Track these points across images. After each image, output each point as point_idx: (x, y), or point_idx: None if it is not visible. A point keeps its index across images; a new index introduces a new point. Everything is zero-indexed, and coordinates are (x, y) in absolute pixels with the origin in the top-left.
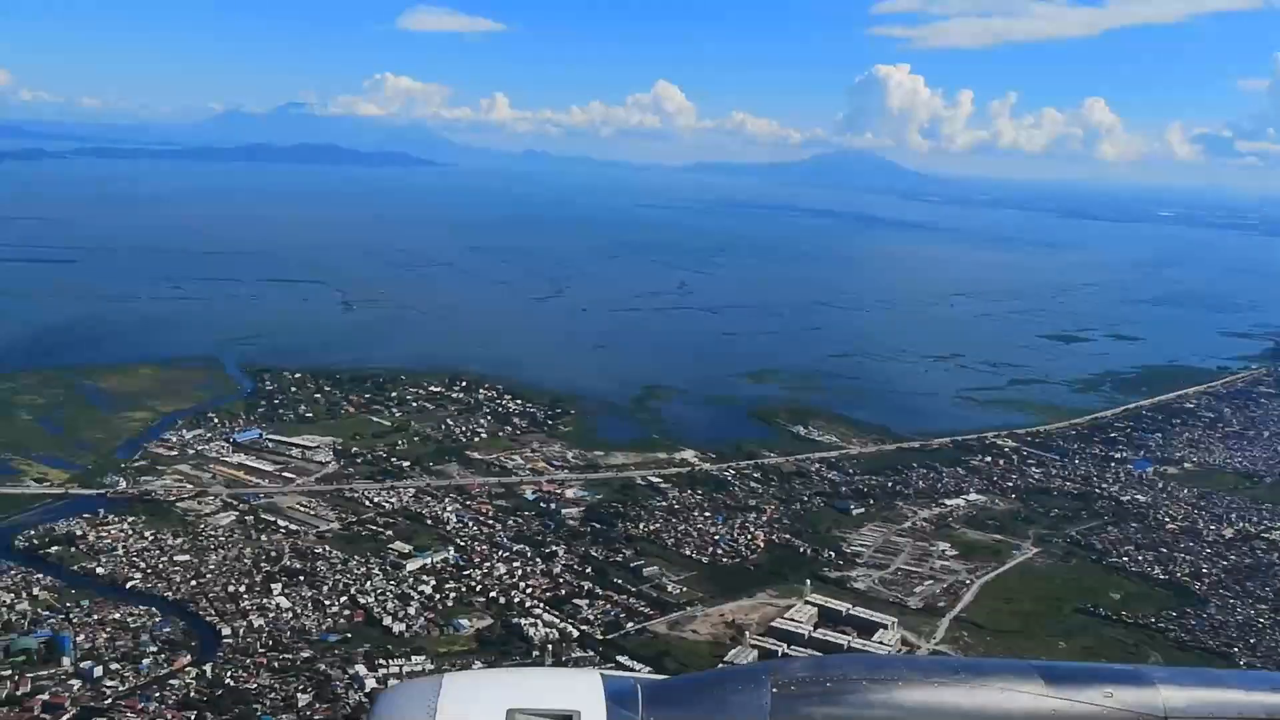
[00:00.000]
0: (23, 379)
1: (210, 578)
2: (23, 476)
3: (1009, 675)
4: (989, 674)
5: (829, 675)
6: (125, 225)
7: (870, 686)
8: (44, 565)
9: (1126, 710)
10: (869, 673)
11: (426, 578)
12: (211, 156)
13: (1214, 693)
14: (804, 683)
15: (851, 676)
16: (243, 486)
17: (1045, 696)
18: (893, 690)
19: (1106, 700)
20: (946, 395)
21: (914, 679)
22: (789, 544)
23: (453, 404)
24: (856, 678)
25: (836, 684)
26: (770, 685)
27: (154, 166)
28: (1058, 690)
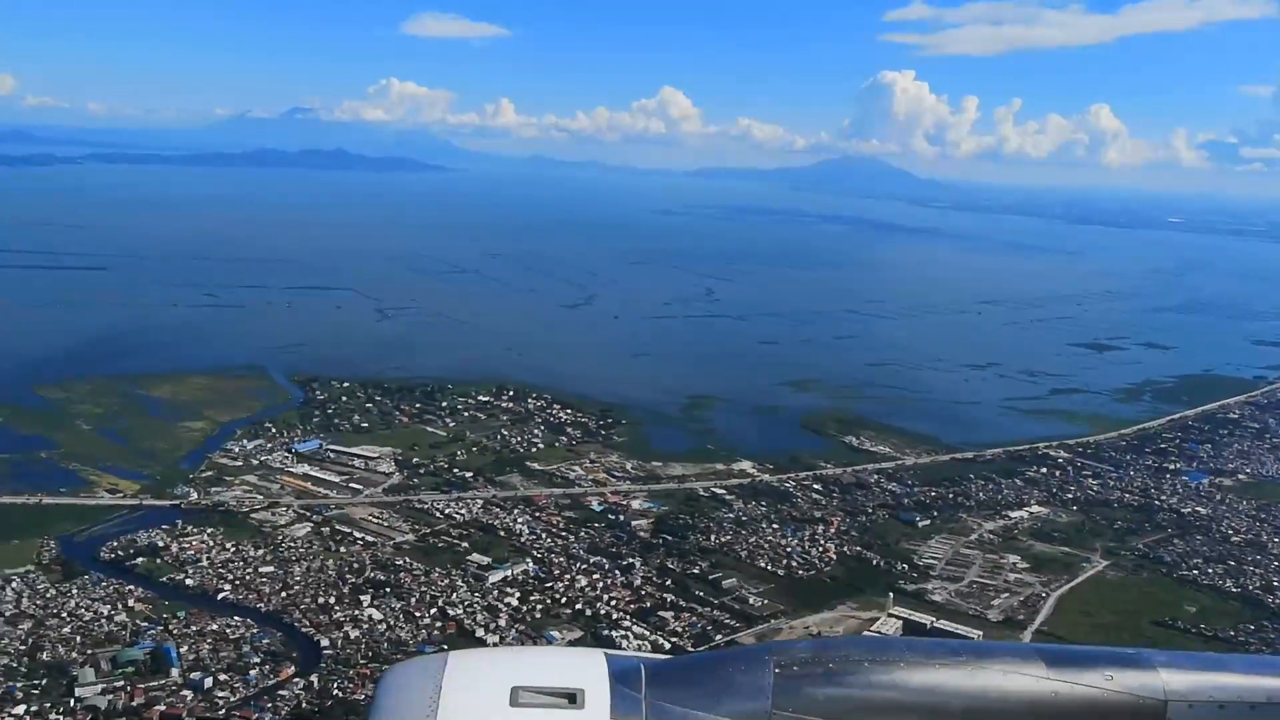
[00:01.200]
0: (77, 388)
1: (298, 589)
2: (94, 487)
3: (1010, 658)
4: (991, 656)
5: (831, 656)
6: (149, 232)
7: (872, 668)
8: (133, 576)
9: (1127, 693)
10: (871, 654)
11: (510, 590)
12: (221, 161)
13: (1214, 676)
14: (806, 663)
15: (854, 658)
16: (312, 498)
17: (1046, 679)
18: (895, 671)
19: (1107, 683)
20: (990, 404)
21: (916, 661)
22: (860, 556)
23: (504, 414)
24: (859, 659)
25: (839, 665)
26: (773, 666)
27: (166, 172)
28: (1058, 673)
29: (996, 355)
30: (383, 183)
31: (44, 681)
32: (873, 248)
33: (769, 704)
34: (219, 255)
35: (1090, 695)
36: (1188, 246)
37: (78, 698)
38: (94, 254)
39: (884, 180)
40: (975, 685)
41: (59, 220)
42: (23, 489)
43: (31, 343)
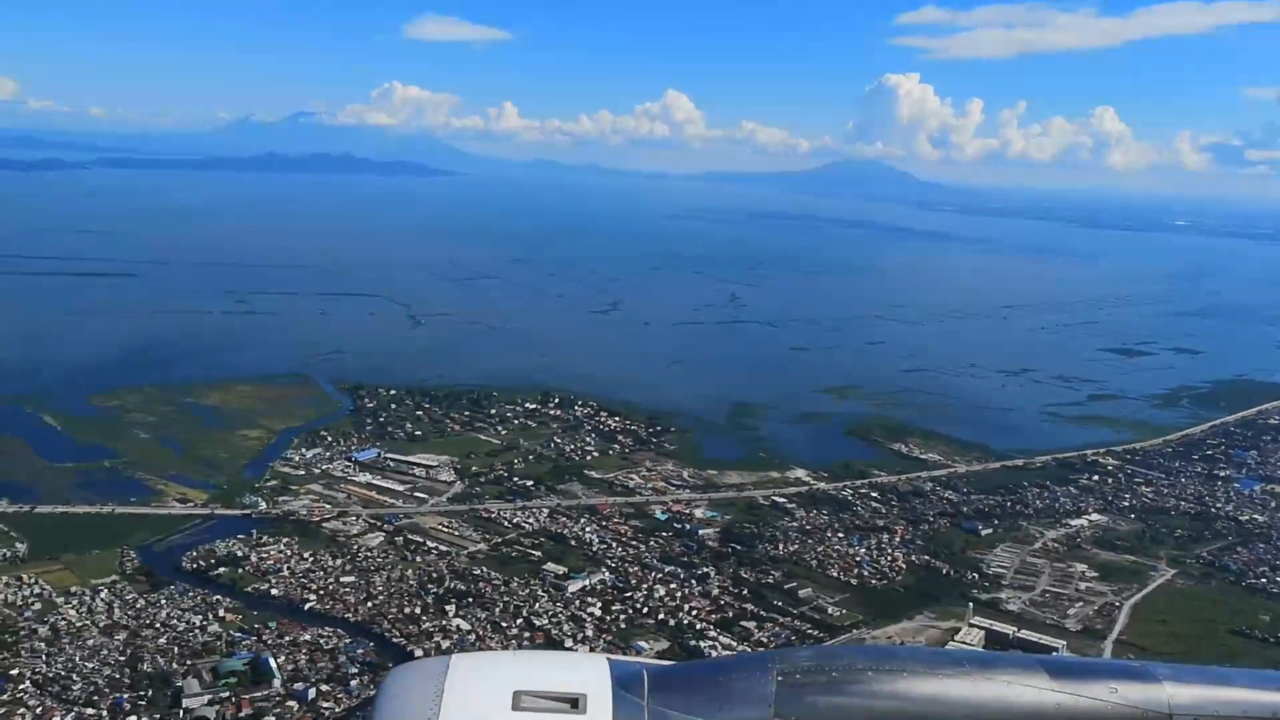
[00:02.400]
0: (128, 397)
1: (383, 599)
2: (164, 497)
3: (1014, 669)
4: (994, 667)
5: (834, 665)
6: (169, 238)
7: (875, 677)
8: (217, 586)
9: (1131, 706)
10: (874, 663)
11: (591, 600)
12: (228, 166)
13: (1219, 691)
14: (809, 671)
15: (856, 666)
16: (379, 507)
17: (1050, 691)
18: (898, 681)
19: (1111, 696)
20: (1031, 411)
21: (919, 670)
22: (929, 565)
23: (554, 422)
24: (862, 668)
25: (841, 673)
26: (775, 673)
27: (175, 176)
28: (1063, 685)
29: (1029, 361)
30: (391, 187)
31: (149, 692)
32: (887, 252)
33: (770, 711)
34: (243, 262)
35: (1094, 707)
36: (1198, 250)
37: (185, 709)
38: (118, 260)
39: (887, 183)
40: (978, 696)
41: (77, 227)
42: (94, 499)
43: (74, 351)
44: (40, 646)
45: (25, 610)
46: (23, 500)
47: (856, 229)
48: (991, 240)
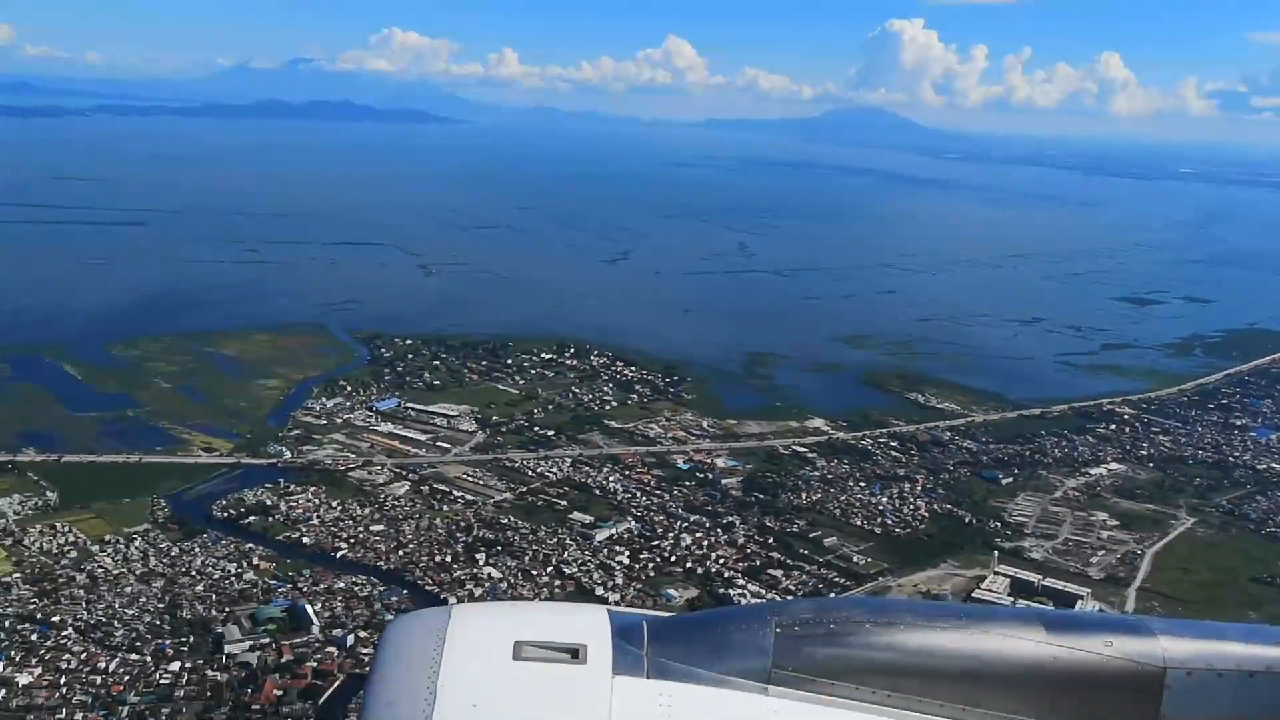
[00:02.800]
0: (147, 346)
1: (412, 548)
2: (189, 446)
3: (1011, 622)
4: (991, 621)
5: (832, 616)
6: (175, 186)
7: (873, 629)
8: (249, 534)
9: (1126, 659)
10: (872, 615)
11: (619, 548)
12: (228, 113)
13: (1213, 644)
14: (807, 623)
15: (854, 618)
16: (403, 456)
17: (1045, 643)
18: (895, 633)
19: (1106, 649)
20: (1044, 360)
21: (916, 623)
22: (951, 514)
23: (571, 371)
24: (859, 620)
25: (839, 625)
26: (774, 625)
27: (175, 123)
28: (1059, 638)
29: (1040, 310)
30: (392, 134)
31: (190, 639)
32: (893, 200)
33: (769, 662)
34: (251, 210)
35: (1089, 660)
36: (1205, 198)
37: (227, 654)
38: (127, 209)
39: (891, 131)
40: (975, 648)
41: (82, 174)
42: (120, 448)
43: (91, 300)
44: (80, 594)
45: (62, 558)
46: (50, 449)
47: (861, 176)
48: (997, 188)
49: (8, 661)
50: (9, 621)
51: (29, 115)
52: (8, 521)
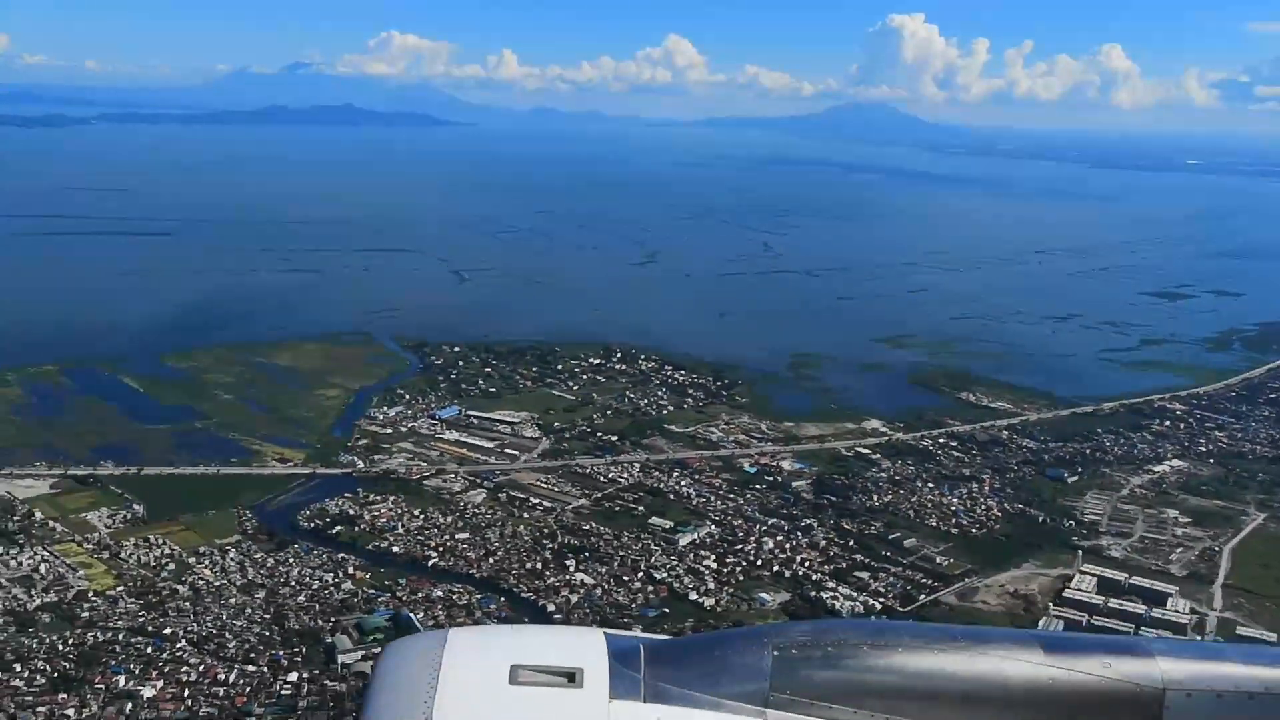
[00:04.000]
0: (200, 357)
1: (501, 555)
2: (262, 457)
3: (1009, 644)
4: (989, 642)
5: (829, 639)
6: (192, 195)
7: (871, 651)
8: (338, 544)
9: (1125, 680)
10: (869, 638)
11: (704, 552)
12: (231, 119)
13: (1211, 665)
14: (804, 646)
15: (851, 641)
16: (473, 464)
17: (1044, 665)
18: (893, 655)
19: (1105, 670)
20: (1087, 357)
21: (915, 645)
22: (1024, 514)
23: (622, 376)
24: (856, 643)
25: (837, 648)
26: (771, 648)
27: (179, 131)
28: (1057, 659)
29: (1073, 306)
30: (396, 139)
31: (303, 649)
32: (906, 197)
33: (767, 685)
34: (273, 219)
35: (1088, 682)
36: (1216, 190)
37: (341, 664)
38: (150, 219)
39: (893, 126)
40: (973, 670)
41: (96, 185)
42: (196, 460)
43: (135, 312)
44: (185, 606)
45: (161, 570)
46: (127, 462)
47: (870, 174)
48: (1007, 183)
49: (128, 675)
50: (122, 635)
51: (33, 125)
52: (101, 535)
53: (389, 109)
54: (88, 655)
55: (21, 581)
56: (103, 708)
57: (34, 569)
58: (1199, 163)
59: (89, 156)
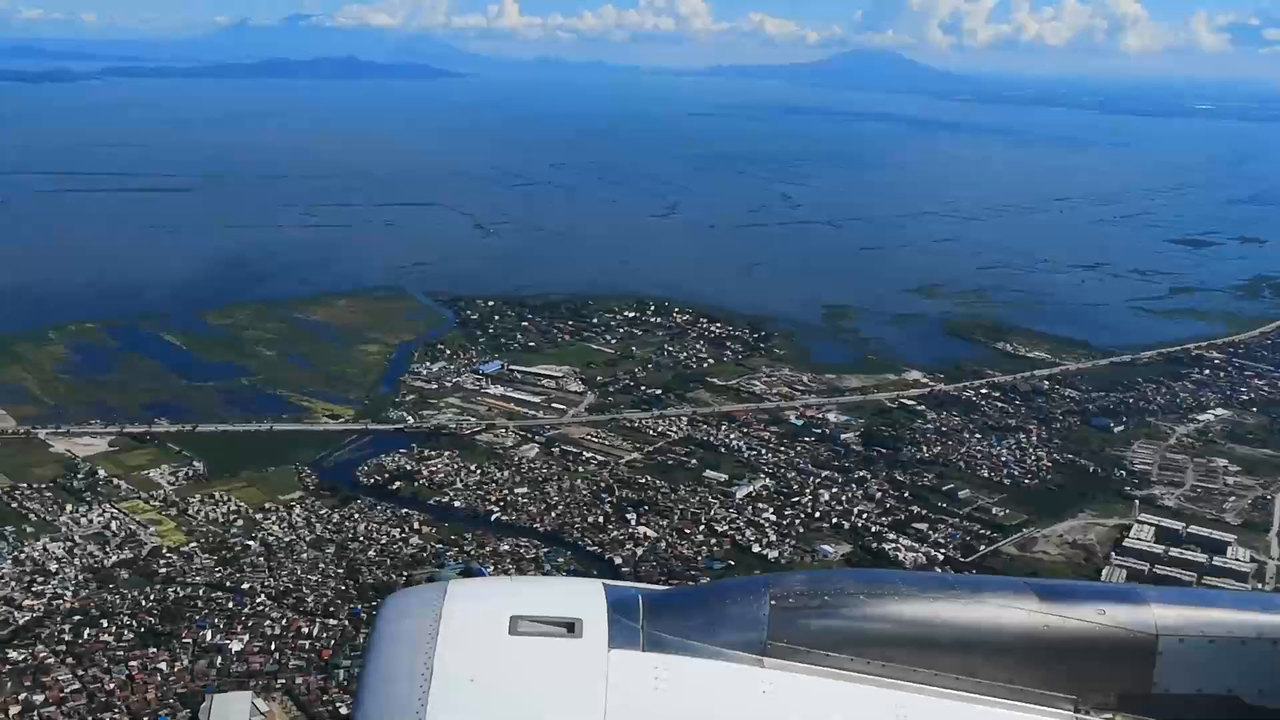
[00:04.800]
0: (236, 313)
1: (562, 509)
2: (313, 413)
3: (1004, 592)
4: (984, 590)
5: (826, 589)
6: (209, 149)
7: (867, 601)
8: (400, 500)
9: (1119, 627)
10: (866, 587)
11: (762, 505)
12: (235, 73)
13: (1205, 612)
14: (801, 596)
15: (848, 590)
16: (522, 419)
17: (1039, 613)
18: (889, 604)
19: (1099, 617)
20: (1118, 306)
21: (910, 594)
22: (1074, 464)
23: (659, 329)
24: (854, 592)
25: (834, 597)
26: (769, 598)
27: (184, 85)
28: (1051, 606)
29: (1099, 255)
30: (401, 91)
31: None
32: (919, 145)
33: (765, 634)
34: (289, 173)
35: (1082, 628)
36: (1229, 135)
37: None
38: (169, 175)
39: (898, 74)
40: (968, 618)
41: (113, 140)
42: (248, 417)
43: (165, 269)
44: (259, 561)
45: (230, 526)
46: (180, 419)
47: (880, 122)
48: (1019, 130)
49: (213, 629)
50: (202, 590)
51: (40, 80)
52: (166, 492)
53: (390, 60)
54: (171, 610)
55: (95, 539)
56: (193, 661)
57: (105, 526)
58: (1209, 107)
59: (99, 111)
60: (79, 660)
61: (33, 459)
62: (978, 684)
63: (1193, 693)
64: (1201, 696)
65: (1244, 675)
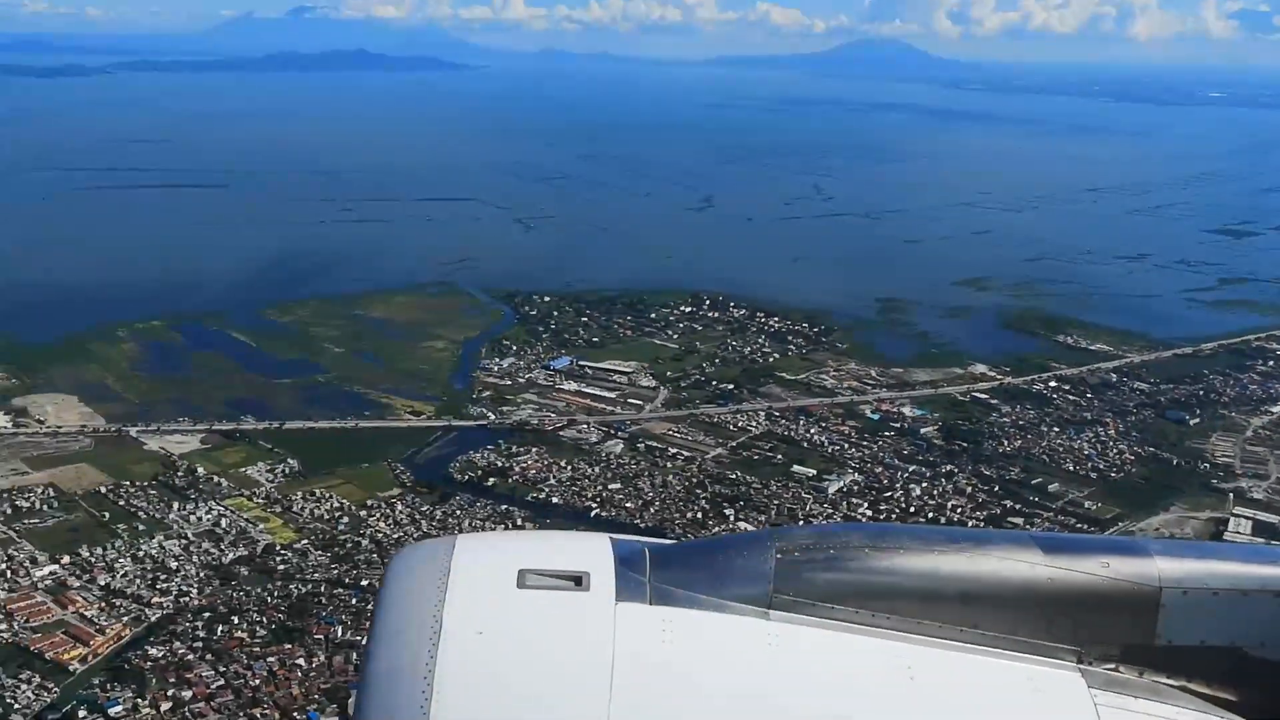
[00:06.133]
0: (296, 310)
1: (659, 506)
2: (394, 410)
3: (1007, 545)
4: (988, 543)
5: (831, 542)
6: (237, 145)
7: (872, 554)
8: (498, 496)
9: (1122, 579)
10: (870, 540)
11: (856, 500)
12: (244, 66)
13: (1208, 564)
14: (807, 549)
15: (854, 544)
16: (600, 415)
17: (1043, 566)
18: (894, 557)
19: (1103, 569)
20: (1171, 297)
21: (915, 547)
22: (1156, 457)
23: (718, 324)
24: (858, 545)
25: (839, 550)
26: (774, 551)
27: (199, 79)
28: (1054, 559)
29: (1141, 246)
30: (412, 83)
31: None
32: (939, 136)
33: (770, 587)
34: (319, 168)
35: (1085, 581)
36: (1248, 123)
37: None
38: (201, 170)
39: (906, 63)
40: (973, 571)
41: (140, 135)
42: (329, 413)
43: (216, 266)
44: (373, 558)
45: (336, 524)
46: (264, 417)
47: (896, 112)
48: (1036, 120)
49: (343, 626)
50: (322, 586)
51: (55, 75)
52: (267, 489)
53: (400, 53)
54: (297, 607)
55: (208, 536)
56: (329, 657)
57: (215, 523)
58: (1222, 95)
59: (118, 106)
60: (218, 656)
61: (130, 457)
62: (981, 636)
63: (1195, 644)
64: (1204, 648)
65: (1246, 627)
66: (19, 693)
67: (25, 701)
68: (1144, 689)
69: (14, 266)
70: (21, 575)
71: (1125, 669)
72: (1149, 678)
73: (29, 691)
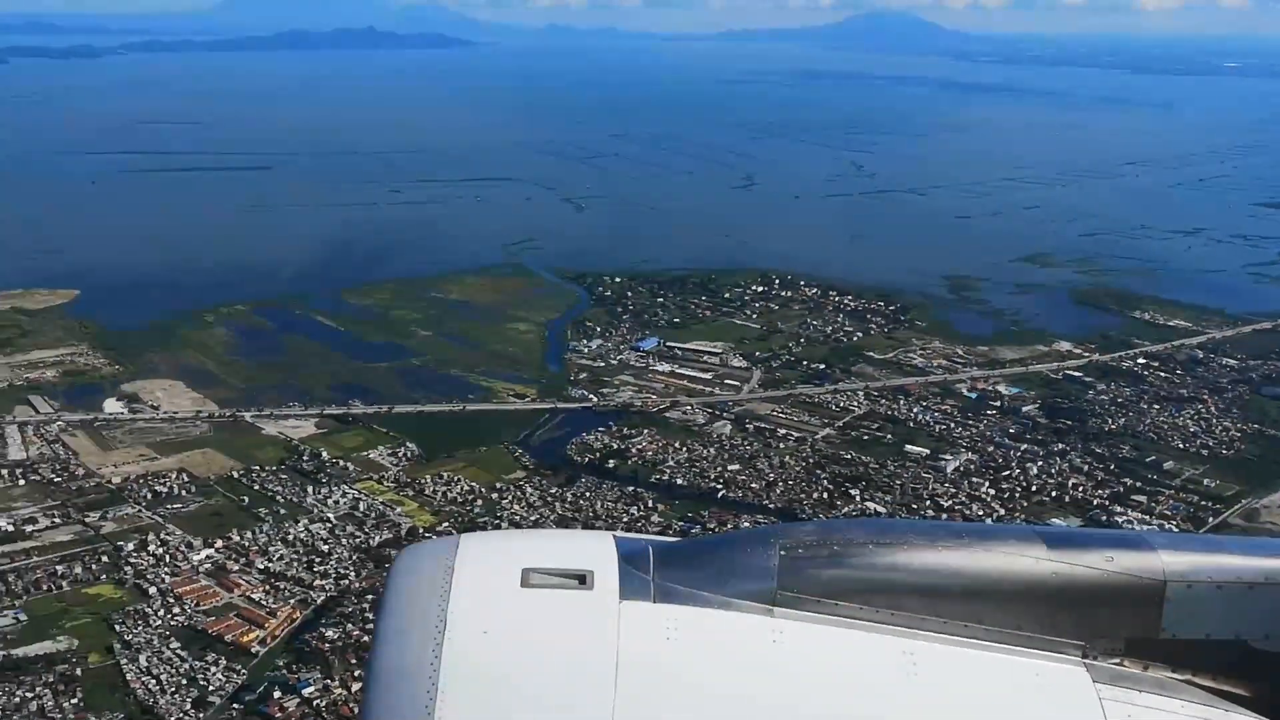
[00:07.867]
0: (375, 293)
1: (783, 486)
2: (497, 393)
3: (1012, 540)
4: (992, 538)
5: (835, 538)
6: (268, 126)
7: (876, 550)
8: (620, 478)
9: (1126, 573)
10: (875, 536)
11: (976, 480)
12: (256, 45)
13: (1213, 557)
14: (811, 545)
15: (858, 540)
16: (700, 396)
17: (1047, 560)
18: (898, 553)
19: (1107, 564)
20: (1235, 271)
21: (919, 543)
22: (1262, 433)
23: (794, 304)
24: (863, 541)
25: (843, 547)
26: (778, 548)
27: (214, 59)
28: (1059, 554)
29: (1194, 220)
30: (421, 61)
31: None
32: (971, 110)
33: (774, 584)
34: (356, 149)
35: (1089, 575)
36: (1270, 94)
37: None
38: (240, 153)
39: (916, 35)
40: (977, 566)
41: (166, 117)
42: (434, 396)
43: (281, 250)
44: None
45: (470, 506)
46: (371, 401)
47: (917, 85)
48: (1060, 92)
49: None
50: None
51: (68, 57)
52: (394, 473)
53: (407, 30)
54: None
55: (349, 519)
56: None
57: (353, 507)
58: (1238, 65)
59: (138, 87)
60: None
61: (251, 441)
62: (986, 631)
63: (1199, 637)
64: (1208, 641)
65: (1250, 620)
66: (210, 674)
67: (217, 684)
68: (1149, 683)
69: (83, 252)
70: (181, 560)
71: (1130, 663)
72: (1154, 671)
73: (218, 673)
